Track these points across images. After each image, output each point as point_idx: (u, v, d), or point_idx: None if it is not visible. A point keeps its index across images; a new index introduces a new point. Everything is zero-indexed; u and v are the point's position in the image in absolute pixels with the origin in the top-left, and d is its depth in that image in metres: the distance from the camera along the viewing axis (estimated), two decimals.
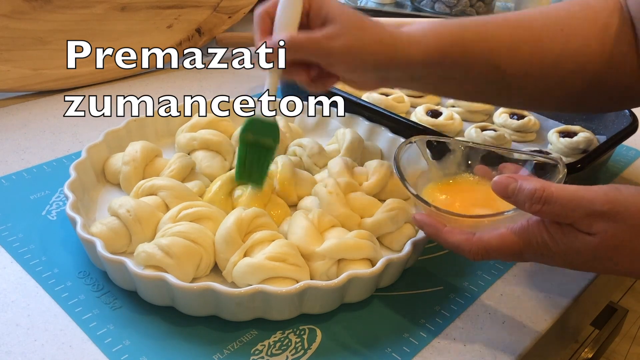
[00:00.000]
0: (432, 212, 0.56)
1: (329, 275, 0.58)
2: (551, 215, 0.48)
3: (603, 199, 0.46)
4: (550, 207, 0.47)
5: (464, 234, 0.53)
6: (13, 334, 0.53)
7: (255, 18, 0.61)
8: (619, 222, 0.46)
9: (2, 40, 0.87)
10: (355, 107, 0.82)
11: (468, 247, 0.52)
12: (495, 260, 0.66)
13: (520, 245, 0.50)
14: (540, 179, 0.49)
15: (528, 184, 0.48)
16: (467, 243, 0.52)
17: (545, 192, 0.47)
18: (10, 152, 0.79)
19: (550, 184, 0.48)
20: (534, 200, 0.48)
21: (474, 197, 0.60)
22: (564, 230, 0.48)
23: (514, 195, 0.49)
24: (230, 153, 0.75)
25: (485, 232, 0.52)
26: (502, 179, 0.50)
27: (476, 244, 0.51)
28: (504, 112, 0.91)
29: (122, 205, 0.60)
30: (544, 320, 0.59)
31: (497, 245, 0.51)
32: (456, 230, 0.53)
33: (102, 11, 0.95)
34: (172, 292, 0.54)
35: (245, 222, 0.59)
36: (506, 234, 0.51)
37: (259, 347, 0.54)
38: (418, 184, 0.61)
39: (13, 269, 0.60)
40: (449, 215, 0.54)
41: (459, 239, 0.52)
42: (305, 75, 0.62)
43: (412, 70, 0.61)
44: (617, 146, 0.81)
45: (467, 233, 0.52)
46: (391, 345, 0.55)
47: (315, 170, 0.74)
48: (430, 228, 0.55)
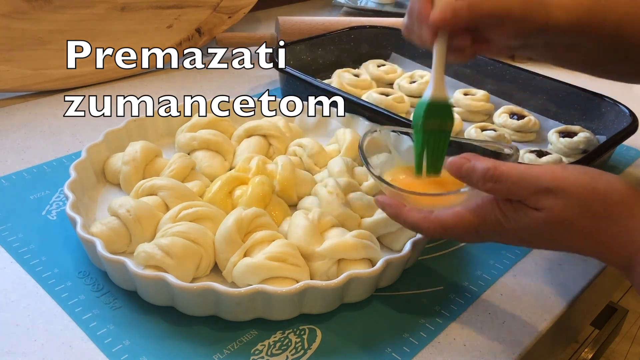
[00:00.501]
0: (392, 192, 0.57)
1: (329, 275, 0.58)
2: (502, 193, 0.50)
3: (550, 176, 0.48)
4: (501, 184, 0.49)
5: (422, 212, 0.54)
6: (13, 334, 0.53)
7: None
8: (565, 199, 0.48)
9: (2, 40, 0.87)
10: (355, 107, 0.82)
11: (426, 225, 0.53)
12: (495, 261, 0.66)
13: (475, 222, 0.52)
14: (492, 159, 0.51)
15: (480, 163, 0.50)
16: (425, 221, 0.53)
17: (496, 171, 0.49)
18: (10, 152, 0.79)
19: (501, 163, 0.50)
20: (486, 178, 0.50)
21: (432, 180, 0.61)
22: (514, 207, 0.50)
23: (468, 175, 0.51)
24: (230, 153, 0.75)
25: (442, 211, 0.53)
26: (456, 159, 0.52)
27: (433, 222, 0.53)
28: (503, 112, 0.91)
29: (122, 205, 0.60)
30: (544, 320, 0.59)
31: (453, 222, 0.52)
32: (415, 210, 0.55)
33: (102, 11, 0.95)
34: (172, 292, 0.54)
35: (245, 222, 0.59)
36: (462, 212, 0.52)
37: (259, 347, 0.54)
38: (382, 169, 0.62)
39: (13, 269, 0.60)
40: (408, 194, 0.56)
41: (417, 217, 0.54)
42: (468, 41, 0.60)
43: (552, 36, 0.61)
44: (617, 146, 0.81)
45: (425, 212, 0.54)
46: (391, 345, 0.55)
47: (315, 170, 0.74)
48: (391, 208, 0.56)
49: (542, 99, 0.94)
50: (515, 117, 0.89)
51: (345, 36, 1.05)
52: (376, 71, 1.01)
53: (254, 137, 0.76)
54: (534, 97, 0.95)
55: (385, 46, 1.09)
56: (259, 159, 0.70)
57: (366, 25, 1.09)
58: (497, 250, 0.67)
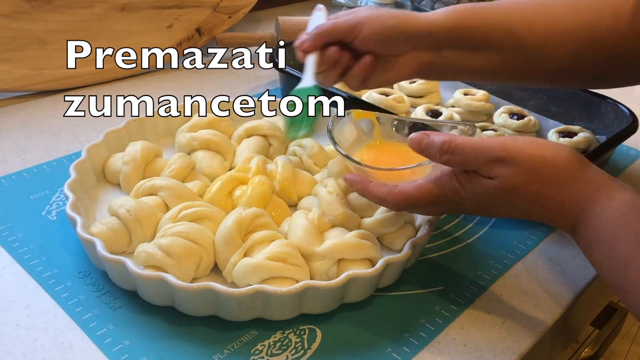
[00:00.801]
0: (359, 169, 0.61)
1: (329, 275, 0.58)
2: (458, 164, 0.53)
3: (501, 146, 0.51)
4: (457, 156, 0.52)
5: (388, 186, 0.57)
6: (13, 334, 0.53)
7: None
8: (516, 167, 0.51)
9: (2, 40, 0.87)
10: (355, 107, 0.82)
11: (392, 199, 0.57)
12: (495, 261, 0.66)
13: (435, 192, 0.55)
14: (449, 134, 0.55)
15: (438, 137, 0.54)
16: (390, 195, 0.57)
17: (452, 144, 0.52)
18: (10, 152, 0.79)
19: (456, 136, 0.53)
20: (442, 151, 0.53)
21: (397, 158, 0.65)
22: (470, 177, 0.53)
23: (427, 149, 0.54)
24: (230, 153, 0.75)
25: (406, 184, 0.56)
26: (416, 135, 0.55)
27: (397, 195, 0.56)
28: (503, 112, 0.91)
29: (122, 205, 0.60)
30: (544, 320, 0.59)
31: (415, 194, 0.55)
32: (381, 185, 0.58)
33: (102, 11, 0.95)
34: (172, 292, 0.54)
35: (245, 222, 0.59)
36: (423, 184, 0.56)
37: (259, 347, 0.54)
38: (350, 150, 0.66)
39: (13, 269, 0.60)
40: (373, 170, 0.60)
41: (383, 191, 0.57)
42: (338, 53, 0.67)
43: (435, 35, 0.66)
44: (617, 146, 0.81)
45: (390, 186, 0.57)
46: (391, 345, 0.55)
47: (315, 170, 0.74)
48: (358, 185, 0.60)
49: (542, 99, 0.94)
50: (515, 117, 0.89)
51: None
52: None
53: (253, 137, 0.76)
54: (534, 97, 0.95)
55: None
56: (259, 159, 0.70)
57: None
58: (497, 250, 0.67)
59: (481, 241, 0.69)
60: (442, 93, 0.99)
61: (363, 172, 0.61)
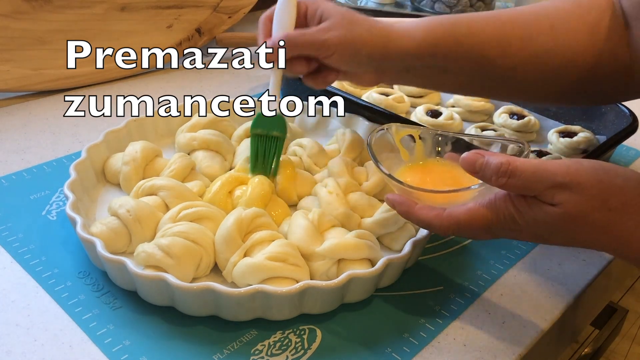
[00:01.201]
0: (403, 190, 0.57)
1: (329, 275, 0.58)
2: (516, 188, 0.49)
3: (565, 171, 0.48)
4: (515, 180, 0.48)
5: (435, 210, 0.54)
6: (13, 334, 0.53)
7: (259, 24, 0.66)
8: (580, 194, 0.47)
9: (2, 40, 0.87)
10: (355, 107, 0.82)
11: (439, 223, 0.53)
12: (495, 261, 0.66)
13: (488, 219, 0.51)
14: (505, 154, 0.51)
15: (494, 158, 0.50)
16: (438, 219, 0.53)
17: (510, 166, 0.49)
18: (10, 152, 0.79)
19: (515, 158, 0.49)
20: (499, 173, 0.49)
21: (443, 178, 0.62)
22: (528, 202, 0.49)
23: (481, 170, 0.50)
24: (230, 153, 0.75)
25: (455, 207, 0.53)
26: (469, 155, 0.51)
27: (447, 219, 0.52)
28: (503, 112, 0.91)
29: (122, 205, 0.60)
30: (544, 320, 0.59)
31: (466, 219, 0.52)
32: (427, 207, 0.54)
33: (102, 11, 0.95)
34: (172, 292, 0.54)
35: (245, 222, 0.59)
36: (475, 208, 0.52)
37: (259, 347, 0.54)
38: (391, 167, 0.62)
39: (13, 269, 0.60)
40: (420, 192, 0.56)
41: (430, 215, 0.53)
42: (305, 69, 0.65)
43: (406, 61, 0.65)
44: (617, 146, 0.81)
45: (437, 209, 0.53)
46: (391, 345, 0.55)
47: (315, 170, 0.74)
48: (402, 206, 0.56)
49: None
50: (515, 117, 0.89)
51: None
52: None
53: None
54: None
55: None
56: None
57: None
58: (497, 250, 0.67)
59: (481, 241, 0.69)
60: (442, 93, 0.99)
61: (407, 192, 0.57)
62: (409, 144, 0.65)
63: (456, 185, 0.58)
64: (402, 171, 0.63)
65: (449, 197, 0.56)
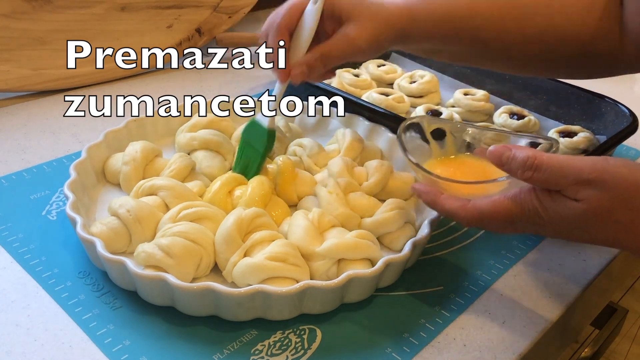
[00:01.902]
0: (430, 180, 0.58)
1: (329, 275, 0.58)
2: (542, 182, 0.49)
3: (591, 167, 0.48)
4: (541, 174, 0.49)
5: (460, 200, 0.54)
6: (13, 334, 0.53)
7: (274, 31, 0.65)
8: (605, 191, 0.47)
9: (2, 40, 0.87)
10: (355, 107, 0.82)
11: (464, 213, 0.53)
12: (495, 261, 0.66)
13: (512, 211, 0.51)
14: (532, 149, 0.51)
15: (521, 152, 0.50)
16: (462, 209, 0.53)
17: (536, 160, 0.49)
18: (10, 152, 0.79)
19: (542, 153, 0.50)
20: (525, 167, 0.49)
21: (471, 171, 0.62)
22: (553, 197, 0.49)
23: (508, 163, 0.51)
24: (230, 153, 0.75)
25: (480, 199, 0.53)
26: (497, 147, 0.52)
27: (471, 210, 0.53)
28: (503, 112, 0.91)
29: (122, 205, 0.60)
30: (544, 320, 0.59)
31: (490, 211, 0.52)
32: (452, 198, 0.55)
33: (102, 11, 0.95)
34: (172, 292, 0.54)
35: (245, 222, 0.59)
36: (499, 200, 0.52)
37: (259, 347, 0.54)
38: (419, 159, 0.62)
39: (13, 269, 0.60)
40: (446, 183, 0.56)
41: (455, 205, 0.54)
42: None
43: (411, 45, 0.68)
44: (617, 146, 0.81)
45: (462, 200, 0.54)
46: (391, 345, 0.55)
47: (315, 170, 0.74)
48: (428, 195, 0.57)
49: (542, 99, 0.94)
50: (515, 117, 0.89)
51: None
52: (376, 71, 1.02)
53: None
54: (534, 97, 0.95)
55: None
56: None
57: None
58: (497, 250, 0.67)
59: (481, 241, 0.69)
60: (442, 93, 0.99)
61: (433, 183, 0.58)
62: (440, 138, 0.65)
63: (484, 177, 0.58)
64: (431, 164, 0.63)
65: (474, 188, 0.57)
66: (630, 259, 0.78)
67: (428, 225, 0.62)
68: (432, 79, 0.97)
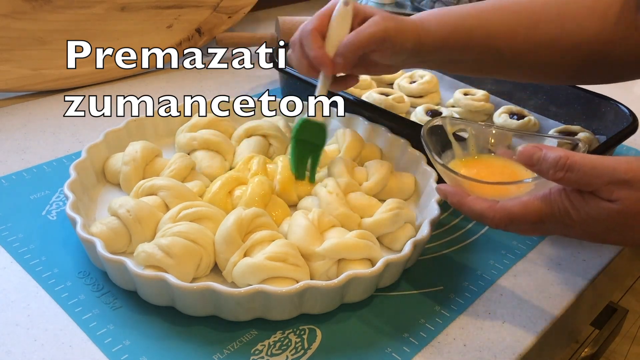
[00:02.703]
0: (456, 181, 0.56)
1: (329, 275, 0.58)
2: (574, 183, 0.48)
3: (626, 167, 0.46)
4: (573, 174, 0.47)
5: (488, 201, 0.53)
6: (13, 334, 0.53)
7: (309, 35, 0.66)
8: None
9: (2, 40, 0.87)
10: (355, 107, 0.82)
11: (492, 214, 0.52)
12: (495, 261, 0.66)
13: (542, 212, 0.50)
14: (563, 149, 0.50)
15: (552, 152, 0.49)
16: (491, 210, 0.52)
17: (569, 160, 0.48)
18: (10, 152, 0.79)
19: (573, 153, 0.48)
20: (557, 167, 0.48)
21: (496, 172, 0.61)
22: (585, 198, 0.48)
23: (539, 164, 0.50)
24: (230, 153, 0.75)
25: (508, 200, 0.52)
26: (527, 148, 0.51)
27: (499, 211, 0.52)
28: (503, 112, 0.91)
29: (122, 205, 0.60)
30: (544, 320, 0.59)
31: (519, 212, 0.51)
32: (480, 199, 0.54)
33: (102, 11, 0.95)
34: (172, 292, 0.54)
35: (245, 222, 0.59)
36: (529, 201, 0.51)
37: (259, 347, 0.54)
38: (443, 159, 0.62)
39: (13, 269, 0.60)
40: (473, 183, 0.55)
41: (482, 206, 0.53)
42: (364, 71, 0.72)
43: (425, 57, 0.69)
44: (617, 146, 0.81)
45: (490, 201, 0.53)
46: (391, 345, 0.55)
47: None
48: (454, 196, 0.55)
49: (542, 99, 0.94)
50: (515, 117, 0.89)
51: None
52: None
53: (253, 137, 0.76)
54: (534, 97, 0.95)
55: None
56: (259, 159, 0.70)
57: None
58: (497, 250, 0.67)
59: (481, 241, 0.69)
60: (442, 93, 0.99)
61: (459, 184, 0.56)
62: (462, 139, 0.65)
63: (512, 177, 0.57)
64: (454, 164, 0.62)
65: (501, 189, 0.55)
66: (630, 259, 0.78)
67: (428, 225, 0.62)
68: (432, 79, 0.97)
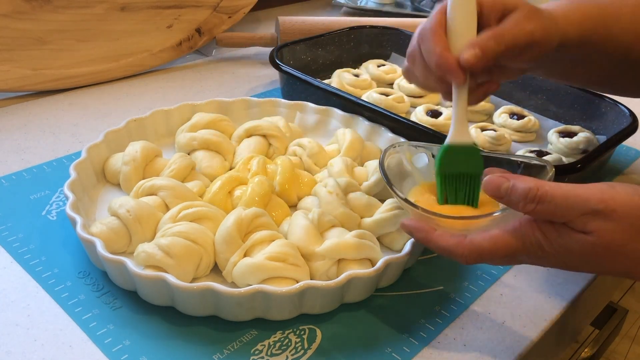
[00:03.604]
0: (420, 215, 0.54)
1: (329, 275, 0.58)
2: (546, 215, 0.47)
3: (598, 197, 0.45)
4: (545, 206, 0.46)
5: (455, 237, 0.51)
6: (13, 334, 0.53)
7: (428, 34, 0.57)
8: (615, 221, 0.45)
9: (2, 40, 0.87)
10: (355, 107, 0.82)
11: (460, 251, 0.50)
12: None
13: (513, 246, 0.48)
14: (533, 178, 0.48)
15: (521, 183, 0.47)
16: (459, 247, 0.50)
17: (539, 191, 0.46)
18: (10, 152, 0.79)
19: (544, 182, 0.47)
20: (528, 199, 0.46)
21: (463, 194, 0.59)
22: (558, 230, 0.47)
23: (507, 195, 0.48)
24: (230, 153, 0.75)
25: (477, 234, 0.50)
26: (494, 178, 0.48)
27: (468, 247, 0.49)
28: (503, 112, 0.91)
29: (122, 205, 0.60)
30: (544, 320, 0.59)
31: (489, 247, 0.49)
32: (447, 234, 0.51)
33: (102, 11, 0.95)
34: (172, 292, 0.54)
35: (245, 222, 0.59)
36: (498, 236, 0.49)
37: (259, 347, 0.54)
38: (404, 187, 0.60)
39: (13, 269, 0.60)
40: (439, 218, 0.53)
41: (450, 242, 0.50)
42: None
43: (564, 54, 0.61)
44: (617, 146, 0.81)
45: (458, 236, 0.51)
46: (391, 345, 0.55)
47: (315, 170, 0.74)
48: (420, 233, 0.53)
49: (542, 99, 0.94)
50: (515, 117, 0.89)
51: (345, 36, 1.05)
52: (376, 71, 1.02)
53: (253, 137, 0.76)
54: (534, 97, 0.95)
55: (385, 46, 1.09)
56: (259, 159, 0.70)
57: (366, 25, 1.09)
58: None
59: None
60: None
61: (424, 217, 0.53)
62: (422, 163, 0.62)
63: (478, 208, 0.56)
64: (417, 190, 0.60)
65: (469, 223, 0.53)
66: None
67: None
68: None
